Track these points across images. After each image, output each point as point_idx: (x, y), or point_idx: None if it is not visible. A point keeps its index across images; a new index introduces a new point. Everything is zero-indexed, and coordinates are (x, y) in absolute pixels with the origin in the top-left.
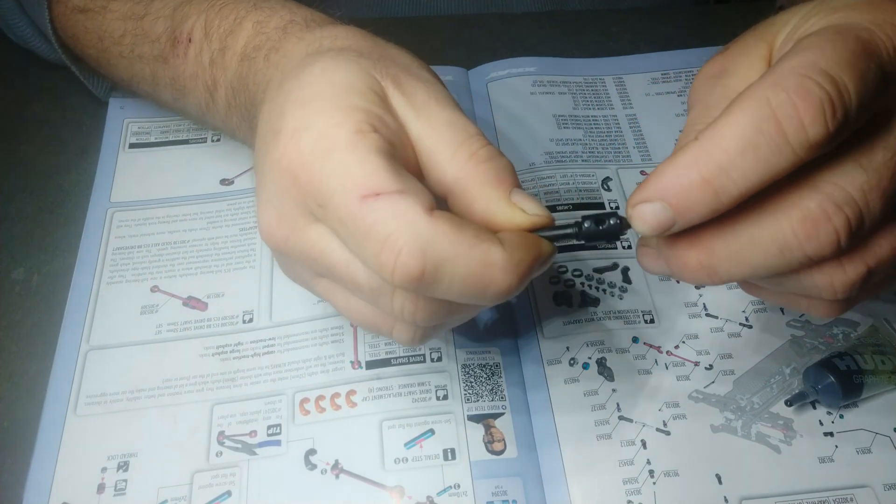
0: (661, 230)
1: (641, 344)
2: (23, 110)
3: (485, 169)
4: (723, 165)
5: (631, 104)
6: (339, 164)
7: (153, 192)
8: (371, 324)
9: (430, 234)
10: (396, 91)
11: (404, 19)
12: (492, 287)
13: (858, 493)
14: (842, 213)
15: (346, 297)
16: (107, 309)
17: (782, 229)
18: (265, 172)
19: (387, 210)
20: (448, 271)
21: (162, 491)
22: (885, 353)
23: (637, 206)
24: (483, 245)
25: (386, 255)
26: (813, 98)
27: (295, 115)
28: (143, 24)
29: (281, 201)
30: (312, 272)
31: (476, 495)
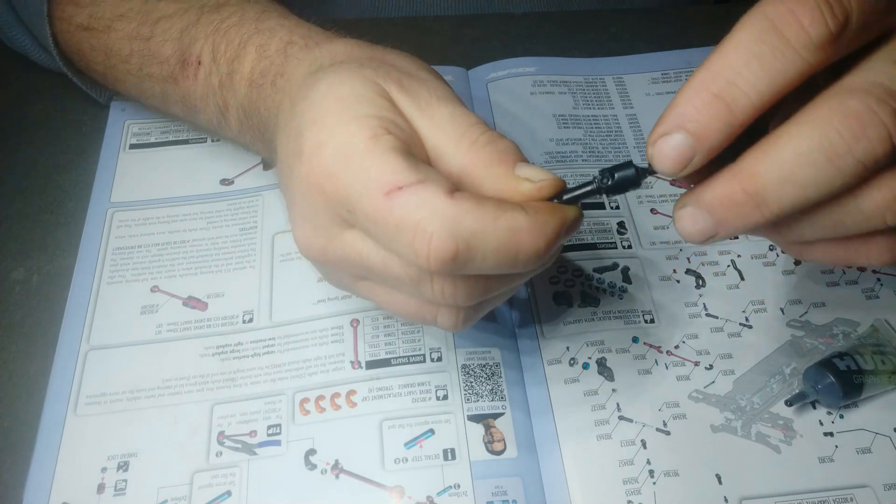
0: (682, 163)
1: (641, 344)
2: (23, 110)
3: (486, 153)
4: (730, 79)
5: (631, 104)
6: (359, 168)
7: (153, 192)
8: (416, 315)
9: (456, 215)
10: (400, 93)
11: (404, 19)
12: (522, 252)
13: (858, 493)
14: (887, 106)
15: (388, 294)
16: (107, 309)
17: (827, 134)
18: (294, 191)
19: (411, 201)
20: (479, 246)
21: (162, 491)
22: (885, 353)
23: (655, 143)
24: (507, 214)
25: (419, 242)
26: (808, 3)
27: (312, 132)
28: (151, 45)
29: (313, 215)
30: (353, 276)
31: (476, 495)
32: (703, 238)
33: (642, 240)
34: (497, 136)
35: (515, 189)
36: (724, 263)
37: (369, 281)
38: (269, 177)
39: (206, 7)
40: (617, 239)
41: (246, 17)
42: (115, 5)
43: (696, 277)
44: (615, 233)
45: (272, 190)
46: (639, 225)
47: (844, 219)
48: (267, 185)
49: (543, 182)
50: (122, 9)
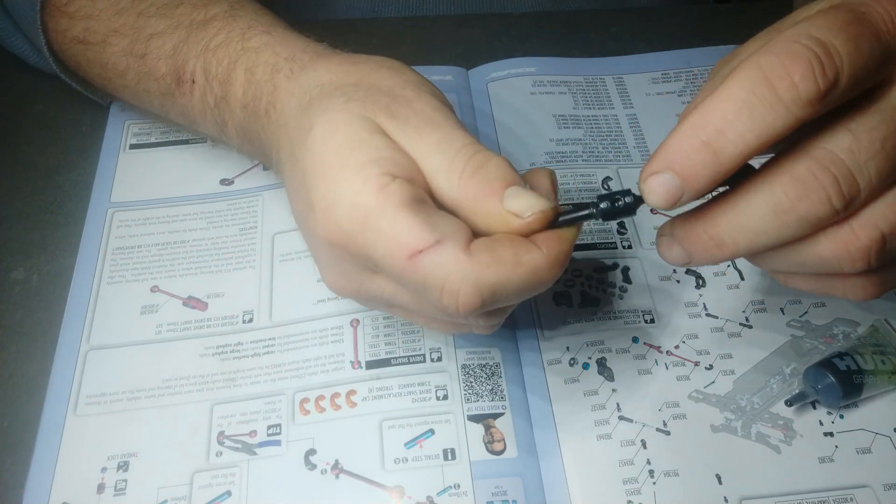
0: (671, 200)
1: (641, 344)
2: (23, 110)
3: (474, 185)
4: (720, 127)
5: (631, 104)
6: (376, 234)
7: (153, 192)
8: (452, 330)
9: (477, 272)
10: (391, 122)
11: (404, 19)
12: (542, 284)
13: (858, 493)
14: (829, 173)
15: (414, 318)
16: (107, 309)
17: (774, 193)
18: (317, 245)
19: (432, 263)
20: (503, 291)
21: (162, 491)
22: (885, 353)
23: (647, 179)
24: (524, 258)
25: (447, 299)
26: (802, 58)
27: (320, 191)
28: (146, 63)
29: (340, 265)
30: (379, 304)
31: (476, 495)
32: (679, 264)
33: (642, 240)
34: (484, 160)
35: (506, 226)
36: (724, 263)
37: (396, 307)
38: (269, 177)
39: (195, 24)
40: (617, 239)
41: (232, 35)
42: (109, 20)
43: (696, 277)
44: (615, 233)
45: (272, 190)
46: (639, 225)
47: (807, 261)
48: (267, 185)
49: (532, 218)
50: (116, 24)
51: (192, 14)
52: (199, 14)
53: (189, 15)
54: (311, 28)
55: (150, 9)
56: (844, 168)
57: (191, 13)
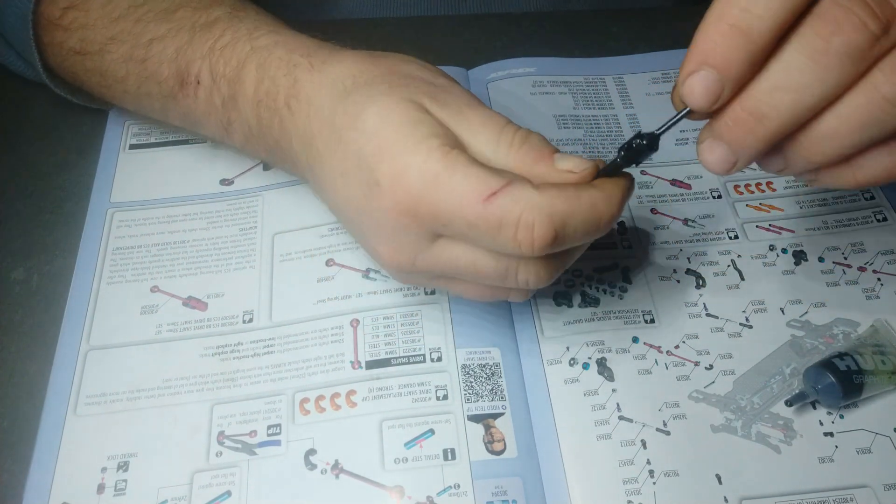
0: (713, 97)
1: (641, 344)
2: (23, 110)
3: (525, 152)
4: (744, 6)
5: (631, 104)
6: (450, 186)
7: (153, 192)
8: (489, 297)
9: (549, 203)
10: (435, 106)
11: (404, 19)
12: (603, 219)
13: (858, 493)
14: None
15: (466, 285)
16: (107, 309)
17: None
18: (377, 218)
19: (507, 201)
20: (571, 223)
21: (162, 491)
22: (885, 353)
23: (685, 81)
24: (585, 192)
25: (523, 234)
26: None
27: (385, 165)
28: (147, 67)
29: (399, 237)
30: (434, 278)
31: (476, 495)
32: (725, 166)
33: (642, 240)
34: (526, 133)
35: (561, 182)
36: (724, 263)
37: (451, 279)
38: (269, 177)
39: (197, 26)
40: (617, 239)
41: (238, 35)
42: (105, 28)
43: (696, 277)
44: (615, 233)
45: (272, 190)
46: (639, 225)
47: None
48: (267, 186)
49: (585, 171)
50: (113, 31)
51: (192, 17)
52: (200, 17)
53: (190, 18)
54: (310, 29)
55: (148, 14)
56: None
57: (192, 16)
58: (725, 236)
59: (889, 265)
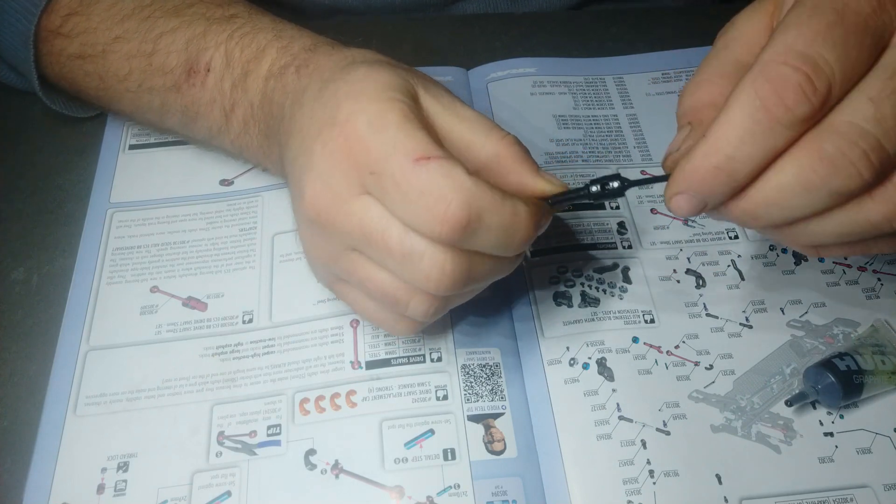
0: (696, 212)
1: (641, 344)
2: (23, 110)
3: (515, 150)
4: (729, 154)
5: (631, 104)
6: (393, 136)
7: (153, 192)
8: (391, 297)
9: (474, 189)
10: (426, 93)
11: (404, 19)
12: (517, 235)
13: (858, 493)
14: (857, 148)
15: (369, 270)
16: (107, 309)
17: (804, 172)
18: (315, 152)
19: (437, 170)
20: (486, 220)
21: (162, 491)
22: (885, 353)
23: (672, 199)
24: (512, 199)
25: (438, 206)
26: (792, 83)
27: (348, 104)
28: (153, 60)
29: (330, 176)
30: (341, 246)
31: (476, 495)
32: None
33: (642, 240)
34: (519, 140)
35: (535, 187)
36: (724, 263)
37: (357, 253)
38: (269, 177)
39: (213, 19)
40: (617, 239)
41: (260, 26)
42: (109, 29)
43: (696, 277)
44: (615, 233)
45: (272, 190)
46: (639, 225)
47: (854, 227)
48: (267, 186)
49: (559, 188)
50: (118, 31)
51: (207, 12)
52: (216, 12)
53: (205, 13)
54: (311, 28)
55: (157, 12)
56: (873, 139)
57: (206, 12)
58: (725, 236)
59: (889, 265)
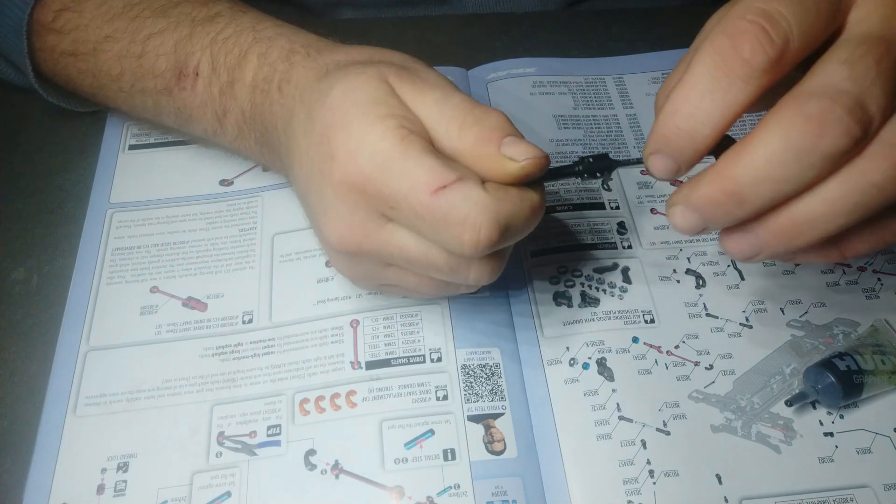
0: (670, 173)
1: (641, 344)
2: (23, 111)
3: (473, 134)
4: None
5: (631, 104)
6: (401, 172)
7: (153, 192)
8: (441, 292)
9: (495, 204)
10: (399, 84)
11: (404, 19)
12: (535, 221)
13: (858, 493)
14: (841, 105)
15: (417, 279)
16: (106, 309)
17: (792, 136)
18: (328, 193)
19: (456, 197)
20: (513, 225)
21: (162, 492)
22: (885, 353)
23: (647, 158)
24: (526, 195)
25: (469, 234)
26: (748, 34)
27: (341, 139)
28: (143, 62)
29: (350, 214)
30: (382, 264)
31: (476, 495)
32: (695, 232)
33: (642, 240)
34: (484, 113)
35: (502, 170)
36: (724, 263)
37: (400, 268)
38: (269, 177)
39: (198, 20)
40: (617, 239)
41: (241, 27)
42: (99, 28)
43: (696, 277)
44: (615, 233)
45: (272, 191)
46: (639, 225)
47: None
48: (266, 186)
49: (527, 162)
50: (108, 30)
51: (192, 13)
52: (200, 12)
53: (189, 14)
54: (311, 28)
55: (145, 11)
56: (853, 97)
57: (191, 12)
58: None
59: (889, 265)
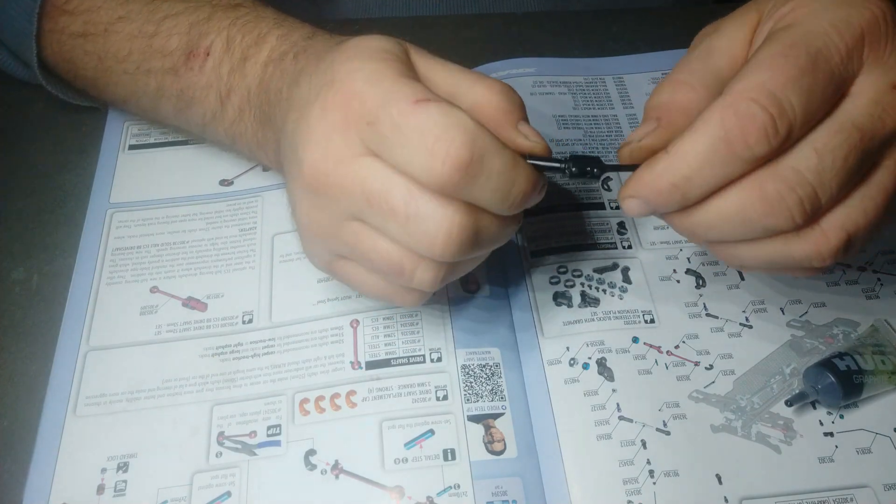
0: (643, 215)
1: (641, 344)
2: (23, 110)
3: (504, 98)
4: (686, 175)
5: (631, 104)
6: (390, 86)
7: (153, 192)
8: (396, 266)
9: (476, 129)
10: (416, 54)
11: (404, 19)
12: (518, 185)
13: (858, 493)
14: (795, 194)
15: (373, 240)
16: (106, 309)
17: (744, 207)
18: (312, 117)
19: (438, 110)
20: (487, 164)
21: (162, 492)
22: (885, 353)
23: (625, 199)
24: (511, 149)
25: (440, 144)
26: (758, 122)
27: (343, 66)
28: (154, 41)
29: (328, 140)
30: (342, 216)
31: (476, 495)
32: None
33: (642, 240)
34: (510, 89)
35: (515, 139)
36: (724, 263)
37: (358, 223)
38: (269, 178)
39: (220, 6)
40: (617, 239)
41: (263, 16)
42: (113, 9)
43: (696, 277)
44: (615, 233)
45: (272, 191)
46: (639, 225)
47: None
48: (267, 186)
49: (538, 144)
50: (122, 11)
51: (214, 0)
52: (222, 1)
53: (211, 1)
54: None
55: None
56: (810, 189)
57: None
58: None
59: (889, 265)
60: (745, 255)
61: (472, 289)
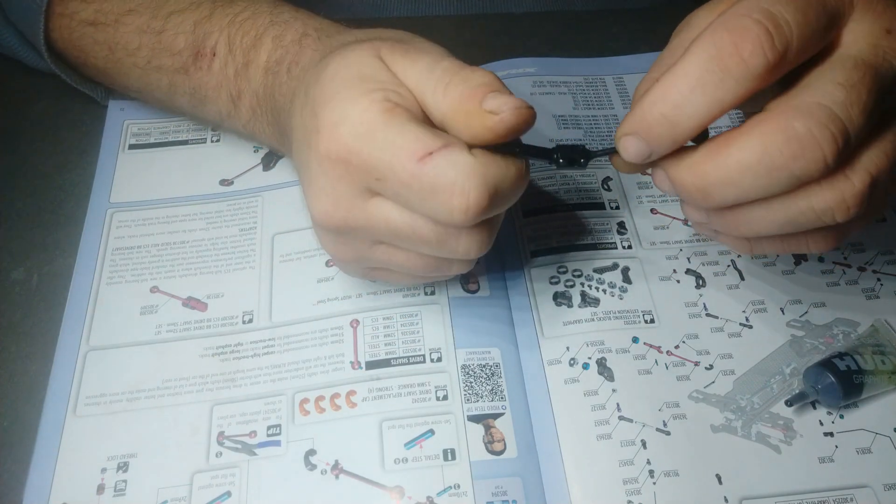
0: (641, 158)
1: (641, 344)
2: (23, 110)
3: (458, 93)
4: (677, 102)
5: (631, 104)
6: (384, 141)
7: (153, 192)
8: (432, 270)
9: (482, 168)
10: (391, 56)
11: (405, 19)
12: (522, 186)
13: (858, 493)
14: (827, 131)
15: (406, 255)
16: (106, 309)
17: (769, 150)
18: (313, 167)
19: (442, 163)
20: (502, 189)
21: (162, 492)
22: (885, 353)
23: (620, 139)
24: (511, 161)
25: (458, 199)
26: (752, 34)
27: (325, 112)
28: (162, 39)
29: (334, 188)
30: (370, 241)
31: (476, 495)
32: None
33: (642, 240)
34: (471, 73)
35: (482, 124)
36: (724, 263)
37: (387, 245)
38: (269, 177)
39: (219, 2)
40: (617, 239)
41: (259, 10)
42: (123, 1)
43: (696, 277)
44: (615, 233)
45: (272, 190)
46: (639, 225)
47: (797, 215)
48: (266, 186)
49: (507, 114)
50: (132, 4)
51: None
52: None
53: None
54: None
55: None
56: (841, 125)
57: None
58: None
59: (889, 265)
60: (761, 219)
61: (472, 289)
